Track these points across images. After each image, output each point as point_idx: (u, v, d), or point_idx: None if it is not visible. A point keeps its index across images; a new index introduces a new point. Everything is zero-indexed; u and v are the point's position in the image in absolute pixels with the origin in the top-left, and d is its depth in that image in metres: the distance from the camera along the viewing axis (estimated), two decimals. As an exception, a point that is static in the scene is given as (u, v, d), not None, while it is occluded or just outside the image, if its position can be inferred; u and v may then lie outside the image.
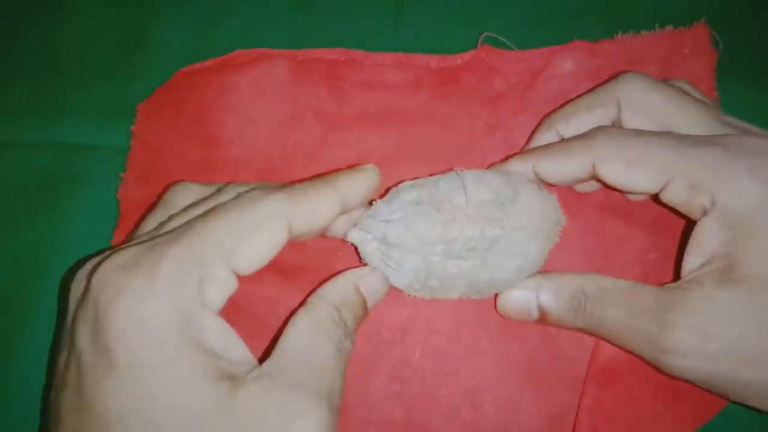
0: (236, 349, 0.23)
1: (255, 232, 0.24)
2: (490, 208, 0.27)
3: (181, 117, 0.34)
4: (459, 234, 0.27)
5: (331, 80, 0.34)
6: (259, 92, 0.34)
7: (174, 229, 0.24)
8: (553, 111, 0.31)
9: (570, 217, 0.30)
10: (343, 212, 0.27)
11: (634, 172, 0.26)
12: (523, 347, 0.30)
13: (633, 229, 0.31)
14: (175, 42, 0.36)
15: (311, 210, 0.25)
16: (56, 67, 0.36)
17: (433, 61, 0.35)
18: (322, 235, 0.29)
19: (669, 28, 0.34)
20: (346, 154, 0.33)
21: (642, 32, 0.34)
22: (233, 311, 0.29)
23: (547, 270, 0.30)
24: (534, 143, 0.31)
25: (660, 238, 0.31)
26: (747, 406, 0.26)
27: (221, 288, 0.23)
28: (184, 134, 0.34)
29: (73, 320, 0.22)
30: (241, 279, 0.30)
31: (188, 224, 0.24)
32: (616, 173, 0.27)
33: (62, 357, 0.23)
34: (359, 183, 0.27)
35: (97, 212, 0.32)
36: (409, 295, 0.29)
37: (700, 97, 0.29)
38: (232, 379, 0.22)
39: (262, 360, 0.23)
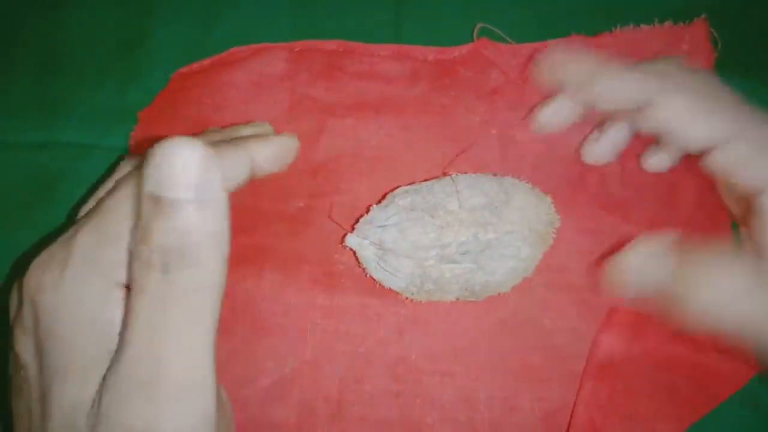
0: None
1: None
2: (484, 213, 0.27)
3: (179, 119, 0.34)
4: (452, 239, 0.27)
5: (329, 70, 0.34)
6: (257, 86, 0.34)
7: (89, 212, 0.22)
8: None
9: (565, 214, 0.30)
10: (253, 176, 0.24)
11: (698, 118, 0.24)
12: (518, 346, 0.30)
13: (629, 224, 0.31)
14: (174, 41, 0.36)
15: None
16: (56, 67, 0.36)
17: (431, 53, 0.35)
18: None
19: (668, 24, 0.34)
20: (344, 143, 0.33)
21: (641, 26, 0.34)
22: (232, 310, 0.30)
23: (545, 270, 0.30)
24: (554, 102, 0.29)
25: (656, 232, 0.31)
26: None
27: None
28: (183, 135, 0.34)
29: (12, 330, 0.22)
30: (241, 278, 0.31)
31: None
32: (678, 112, 0.24)
33: (10, 366, 0.22)
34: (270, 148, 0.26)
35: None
36: (406, 298, 0.29)
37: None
38: None
39: None
